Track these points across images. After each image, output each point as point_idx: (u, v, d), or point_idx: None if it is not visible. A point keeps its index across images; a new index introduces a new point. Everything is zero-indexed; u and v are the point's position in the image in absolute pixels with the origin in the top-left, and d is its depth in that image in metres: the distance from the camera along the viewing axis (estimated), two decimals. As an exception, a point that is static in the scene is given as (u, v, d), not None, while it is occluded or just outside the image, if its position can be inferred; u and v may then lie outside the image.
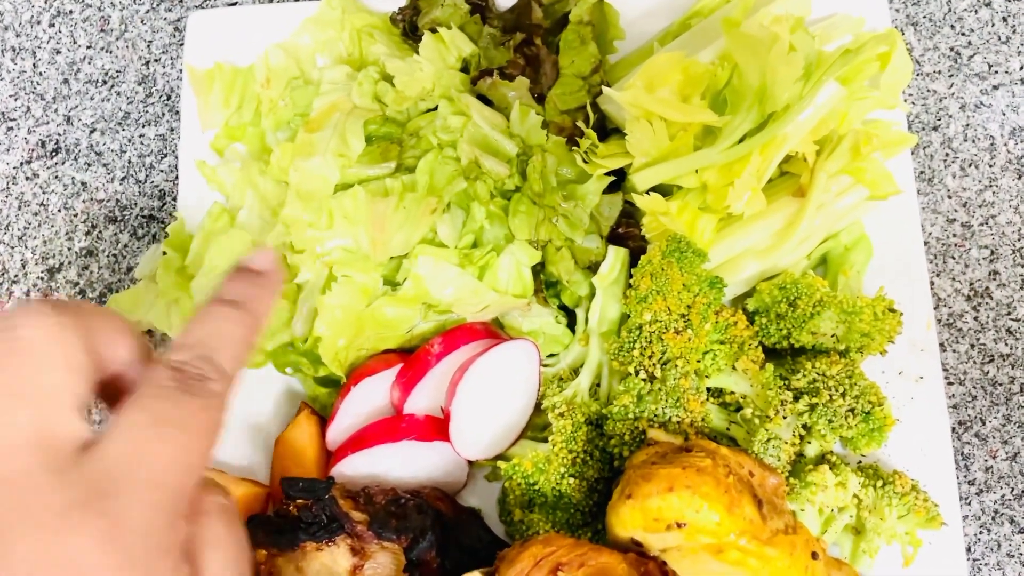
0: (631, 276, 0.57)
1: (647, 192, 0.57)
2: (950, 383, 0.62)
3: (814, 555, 0.48)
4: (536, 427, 0.58)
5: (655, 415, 0.53)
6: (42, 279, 0.66)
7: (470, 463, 0.57)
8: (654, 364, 0.54)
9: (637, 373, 0.54)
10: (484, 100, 0.59)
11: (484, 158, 0.55)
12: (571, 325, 0.60)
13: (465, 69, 0.61)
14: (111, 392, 0.29)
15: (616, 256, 0.57)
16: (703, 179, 0.55)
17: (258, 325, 0.31)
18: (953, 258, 0.64)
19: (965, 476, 0.61)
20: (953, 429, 0.61)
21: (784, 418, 0.53)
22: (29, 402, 0.26)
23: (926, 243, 0.64)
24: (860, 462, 0.57)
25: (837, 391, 0.54)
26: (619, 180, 0.59)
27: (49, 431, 0.25)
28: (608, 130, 0.61)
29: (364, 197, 0.54)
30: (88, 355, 0.27)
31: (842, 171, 0.56)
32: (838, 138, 0.56)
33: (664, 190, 0.58)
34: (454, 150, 0.56)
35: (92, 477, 0.25)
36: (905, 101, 0.64)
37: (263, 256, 0.32)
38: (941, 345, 0.62)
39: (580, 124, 0.57)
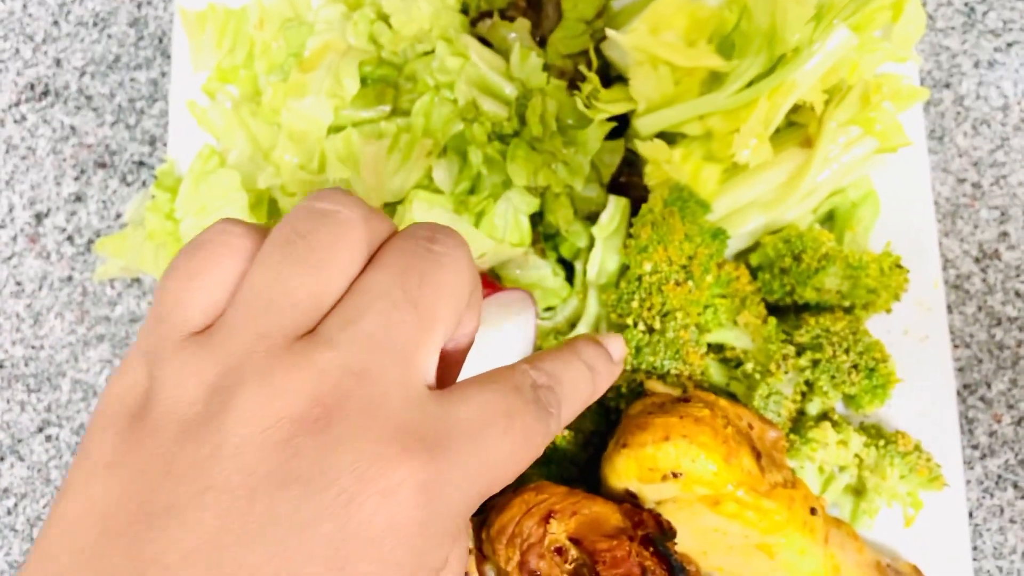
0: (631, 227, 0.55)
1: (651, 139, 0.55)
2: (956, 346, 0.60)
3: (813, 511, 0.47)
4: (532, 380, 0.57)
5: (653, 367, 0.52)
6: (30, 224, 0.65)
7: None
8: (653, 316, 0.52)
9: (636, 325, 0.53)
10: (484, 42, 0.57)
11: (482, 99, 0.53)
12: (569, 279, 0.58)
13: (465, 10, 0.59)
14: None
15: (616, 206, 0.55)
16: (708, 126, 0.53)
17: (590, 402, 0.29)
18: (962, 218, 0.63)
19: (969, 440, 0.59)
20: (958, 392, 0.59)
21: (786, 373, 0.52)
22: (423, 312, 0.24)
23: (935, 203, 0.62)
24: (862, 423, 0.56)
25: (841, 347, 0.52)
26: (621, 128, 0.57)
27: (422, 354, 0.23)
28: (611, 78, 0.59)
29: (358, 139, 0.53)
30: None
31: (851, 121, 0.54)
32: (847, 88, 0.54)
33: (668, 139, 0.56)
34: (451, 91, 0.54)
35: (439, 422, 0.23)
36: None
37: (618, 345, 0.31)
38: (948, 307, 0.61)
39: (582, 68, 0.55)
